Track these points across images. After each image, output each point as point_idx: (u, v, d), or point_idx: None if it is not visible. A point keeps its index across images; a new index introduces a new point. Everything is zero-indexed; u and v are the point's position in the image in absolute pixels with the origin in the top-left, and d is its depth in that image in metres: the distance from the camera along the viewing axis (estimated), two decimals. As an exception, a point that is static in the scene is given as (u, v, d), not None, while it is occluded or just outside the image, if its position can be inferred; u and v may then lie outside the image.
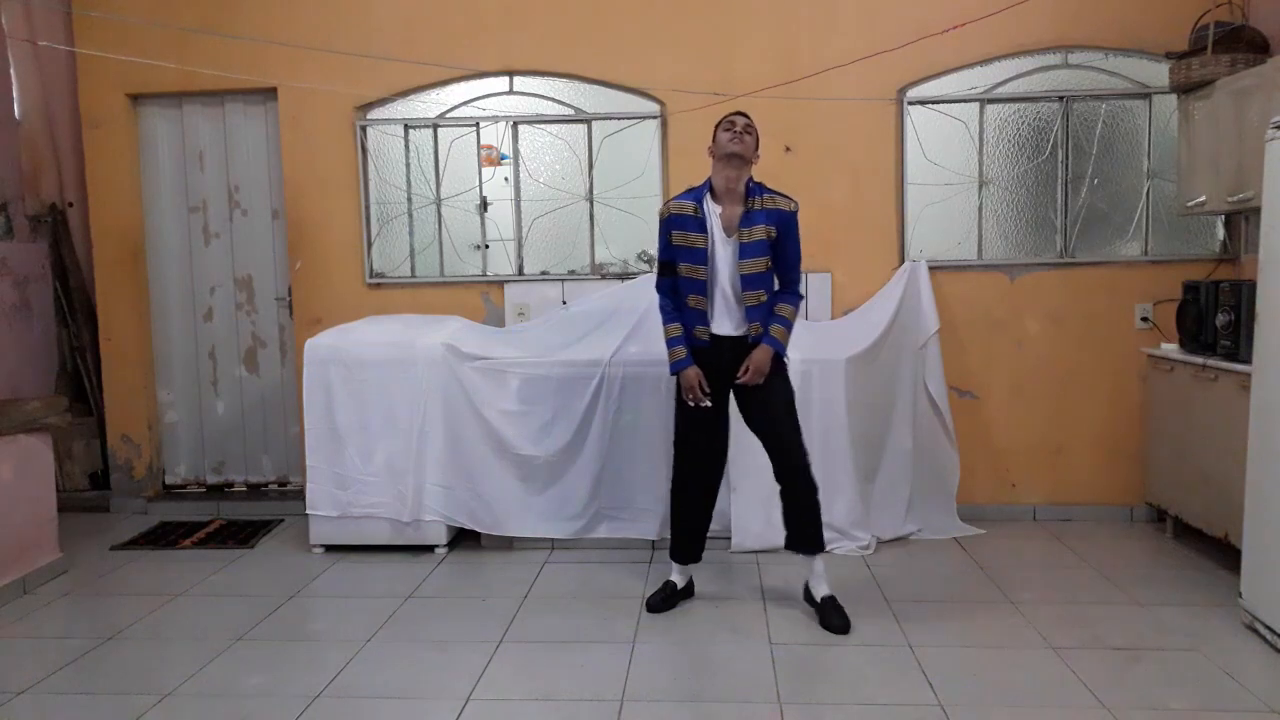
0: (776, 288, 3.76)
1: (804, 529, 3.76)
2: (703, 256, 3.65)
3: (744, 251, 3.64)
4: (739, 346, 3.70)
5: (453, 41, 5.15)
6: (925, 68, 4.99)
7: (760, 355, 3.64)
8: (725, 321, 3.71)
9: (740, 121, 3.66)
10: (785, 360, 3.77)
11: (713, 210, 3.68)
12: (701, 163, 5.13)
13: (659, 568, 4.34)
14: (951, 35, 4.88)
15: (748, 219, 3.64)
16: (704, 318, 3.71)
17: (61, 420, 4.46)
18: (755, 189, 3.69)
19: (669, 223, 3.71)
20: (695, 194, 3.72)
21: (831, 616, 3.67)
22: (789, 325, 3.70)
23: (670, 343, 3.75)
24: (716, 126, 3.70)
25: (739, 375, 3.67)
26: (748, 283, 3.65)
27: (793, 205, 3.72)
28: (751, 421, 3.80)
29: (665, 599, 3.90)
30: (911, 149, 5.05)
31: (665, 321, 3.78)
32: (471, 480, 4.61)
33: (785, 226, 3.69)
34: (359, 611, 3.93)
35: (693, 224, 3.66)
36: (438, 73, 5.19)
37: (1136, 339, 4.97)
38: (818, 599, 3.76)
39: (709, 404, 3.71)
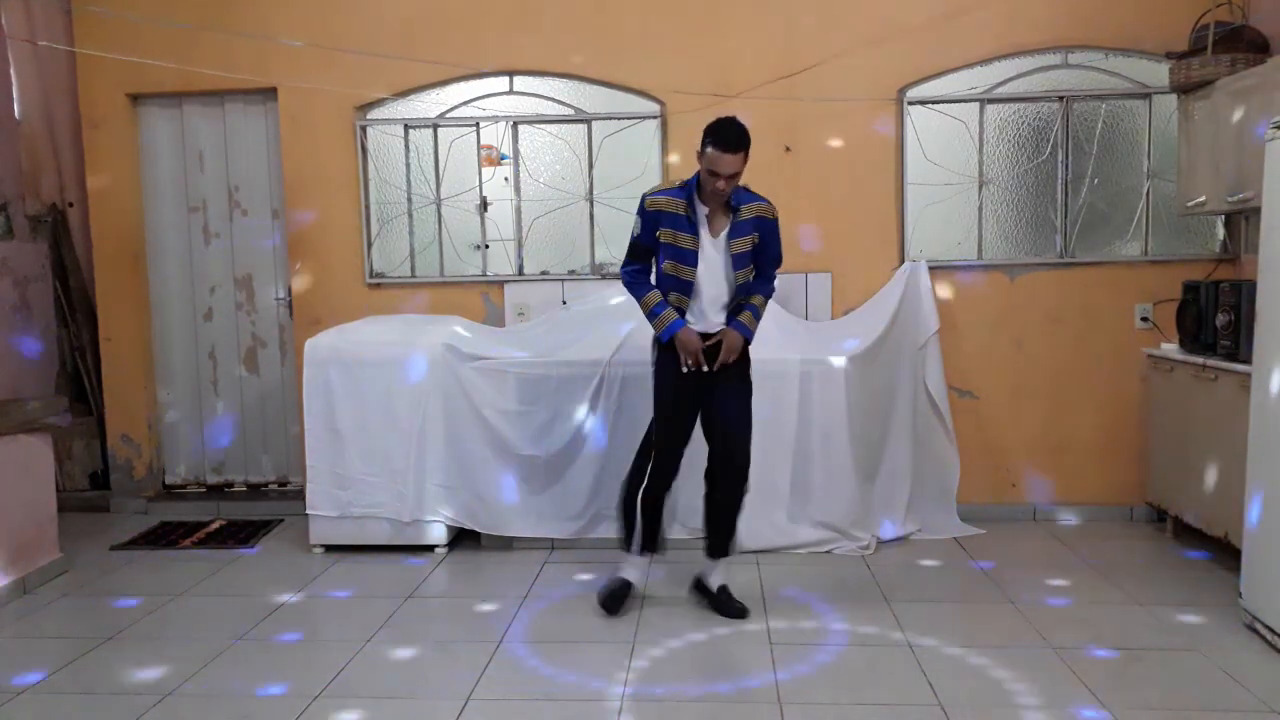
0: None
1: (726, 532, 3.85)
2: (693, 259, 3.63)
3: (736, 263, 3.67)
4: (712, 345, 3.70)
5: (453, 41, 5.15)
6: (925, 67, 4.99)
7: (732, 337, 3.68)
8: (700, 321, 3.70)
9: (728, 168, 3.48)
10: (748, 355, 3.79)
11: (700, 211, 3.66)
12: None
13: (659, 568, 4.34)
14: (952, 34, 4.89)
15: (736, 230, 3.66)
16: (683, 316, 3.70)
17: (61, 420, 4.46)
18: (740, 195, 3.67)
19: (657, 218, 3.65)
20: (685, 193, 3.65)
21: (731, 604, 3.80)
22: (758, 314, 3.76)
23: (655, 309, 3.68)
24: (707, 137, 3.53)
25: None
26: (738, 291, 3.71)
27: (774, 213, 3.74)
28: (707, 413, 3.78)
29: (621, 599, 3.87)
30: (911, 149, 5.05)
31: (643, 292, 3.72)
32: (471, 480, 4.61)
33: (768, 232, 3.72)
34: (359, 611, 3.93)
35: (685, 224, 3.63)
36: (438, 72, 5.19)
37: (1136, 339, 4.96)
38: (714, 589, 3.87)
39: (707, 367, 3.66)
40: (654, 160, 5.18)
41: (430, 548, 4.66)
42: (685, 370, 3.66)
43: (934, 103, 5.05)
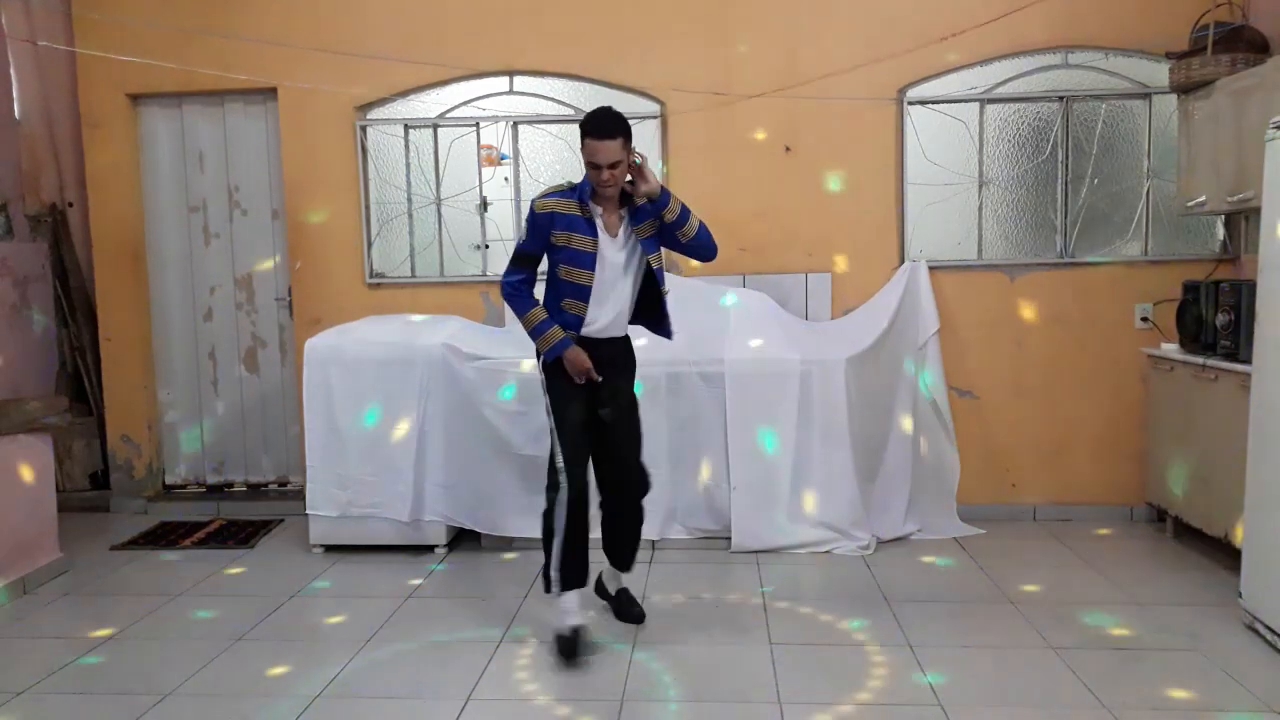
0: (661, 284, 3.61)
1: (632, 547, 3.75)
2: (590, 261, 3.41)
3: (646, 247, 3.48)
4: (614, 346, 3.56)
5: (453, 41, 5.15)
6: (925, 68, 4.98)
7: (654, 183, 3.41)
8: (607, 324, 3.50)
9: (607, 157, 3.31)
10: (634, 365, 3.67)
11: (596, 211, 3.45)
12: (701, 160, 5.15)
13: (659, 568, 4.34)
14: (952, 34, 4.89)
15: (637, 216, 3.46)
16: (578, 323, 3.47)
17: (61, 420, 4.46)
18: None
19: (551, 221, 3.41)
20: (578, 194, 3.43)
21: (630, 607, 3.79)
22: (689, 212, 3.47)
23: (541, 326, 3.44)
24: (581, 130, 3.40)
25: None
26: (661, 277, 3.55)
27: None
28: (597, 428, 3.56)
29: (582, 646, 3.46)
30: (911, 149, 5.05)
31: (526, 307, 3.46)
32: (471, 480, 4.61)
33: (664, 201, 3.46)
34: (359, 611, 3.93)
35: (582, 226, 3.41)
36: (438, 73, 5.19)
37: (1136, 339, 4.96)
38: (612, 592, 3.86)
39: (599, 376, 3.47)
40: (654, 160, 5.17)
41: (430, 548, 4.66)
42: (579, 382, 3.48)
43: (934, 103, 5.05)
